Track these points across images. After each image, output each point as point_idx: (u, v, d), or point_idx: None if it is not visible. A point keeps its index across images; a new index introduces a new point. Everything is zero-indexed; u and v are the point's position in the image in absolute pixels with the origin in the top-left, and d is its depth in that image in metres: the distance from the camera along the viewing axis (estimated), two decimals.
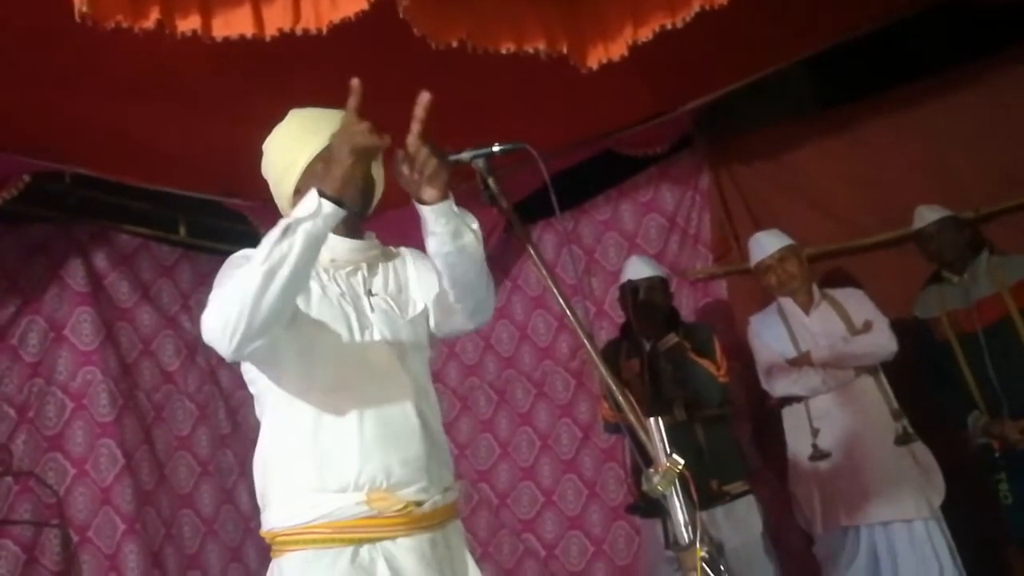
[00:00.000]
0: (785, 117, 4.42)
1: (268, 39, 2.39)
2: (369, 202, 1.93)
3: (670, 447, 1.49)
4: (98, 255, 4.04)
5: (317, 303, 1.79)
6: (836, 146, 4.16)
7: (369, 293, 1.87)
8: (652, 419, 1.45)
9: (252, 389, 1.85)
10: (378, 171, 1.93)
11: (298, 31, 2.38)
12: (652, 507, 3.21)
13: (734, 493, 3.49)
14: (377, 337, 1.81)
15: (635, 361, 3.61)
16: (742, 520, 3.49)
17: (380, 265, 1.94)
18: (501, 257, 4.74)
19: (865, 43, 3.74)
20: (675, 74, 3.65)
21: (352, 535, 1.68)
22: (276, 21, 2.38)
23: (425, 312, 1.91)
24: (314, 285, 1.81)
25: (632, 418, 1.50)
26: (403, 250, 2.03)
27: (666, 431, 1.50)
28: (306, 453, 1.71)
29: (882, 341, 3.51)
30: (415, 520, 1.71)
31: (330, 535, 1.67)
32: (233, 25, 2.37)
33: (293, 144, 1.88)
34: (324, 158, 1.71)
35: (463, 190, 1.76)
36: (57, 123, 3.23)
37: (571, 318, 1.57)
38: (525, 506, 4.71)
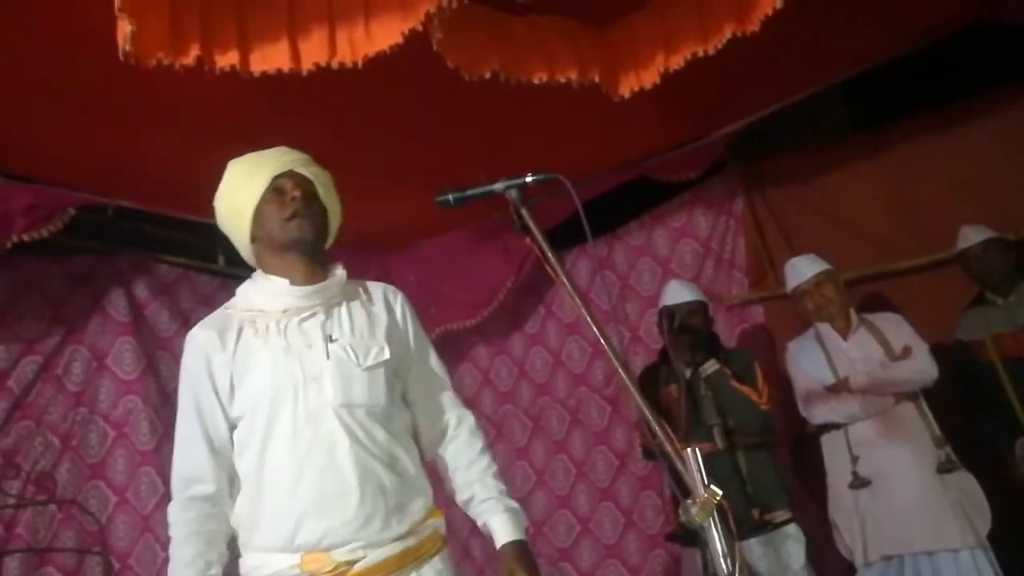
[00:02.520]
0: (819, 140, 4.40)
1: (305, 73, 2.44)
2: (324, 235, 1.95)
3: (709, 476, 1.47)
4: (139, 285, 4.11)
5: (255, 364, 1.81)
6: (871, 169, 4.13)
7: (328, 339, 1.85)
8: (689, 449, 1.44)
9: None
10: (330, 199, 1.97)
11: (334, 64, 2.43)
12: (692, 535, 3.18)
13: (776, 522, 3.44)
14: (325, 392, 1.79)
15: (673, 387, 3.58)
16: (784, 550, 3.44)
17: (342, 307, 1.92)
18: (535, 283, 4.75)
19: (898, 65, 3.72)
20: (707, 100, 3.65)
21: None
22: (312, 55, 2.43)
23: (390, 361, 1.89)
24: (257, 343, 1.83)
25: (669, 447, 1.49)
26: (373, 287, 2.01)
27: (707, 459, 1.49)
28: (249, 512, 1.78)
29: (922, 367, 3.45)
30: None
31: None
32: (271, 60, 2.42)
33: (237, 193, 1.93)
34: (268, 199, 1.86)
35: (497, 219, 1.78)
36: (100, 157, 3.31)
37: (606, 346, 1.56)
38: (562, 535, 4.68)
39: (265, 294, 1.90)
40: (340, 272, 1.95)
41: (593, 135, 3.68)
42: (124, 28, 2.21)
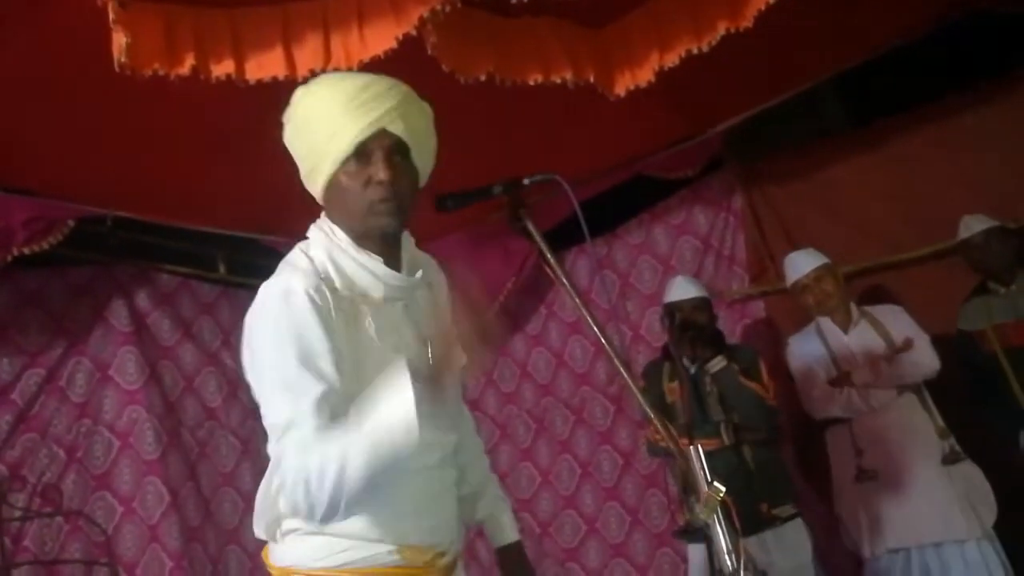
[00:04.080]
0: (816, 135, 4.40)
1: (300, 80, 2.44)
2: (409, 213, 1.67)
3: (715, 472, 1.48)
4: (140, 295, 4.11)
5: (365, 356, 1.57)
6: (869, 162, 4.13)
7: (428, 342, 1.64)
8: (692, 447, 1.45)
9: None
10: (425, 152, 1.68)
11: (329, 71, 2.44)
12: (698, 532, 3.17)
13: (784, 516, 3.44)
14: None
15: (677, 384, 3.59)
16: (791, 544, 3.44)
17: (425, 297, 1.76)
18: (536, 284, 4.75)
19: (895, 58, 3.72)
20: (704, 96, 3.65)
21: None
22: (308, 62, 2.44)
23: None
24: (366, 333, 1.59)
25: (673, 445, 1.49)
26: (426, 263, 1.78)
27: (714, 455, 1.50)
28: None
29: (923, 359, 3.46)
30: (438, 570, 1.69)
31: None
32: (266, 68, 2.43)
33: (318, 135, 1.59)
34: (349, 168, 1.57)
35: (495, 220, 1.78)
36: (98, 169, 3.31)
37: (607, 347, 1.57)
38: (568, 535, 4.68)
39: (364, 272, 1.62)
40: (412, 246, 1.74)
41: (590, 134, 3.68)
42: (119, 40, 2.23)
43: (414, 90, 1.66)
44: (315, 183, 1.64)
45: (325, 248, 1.64)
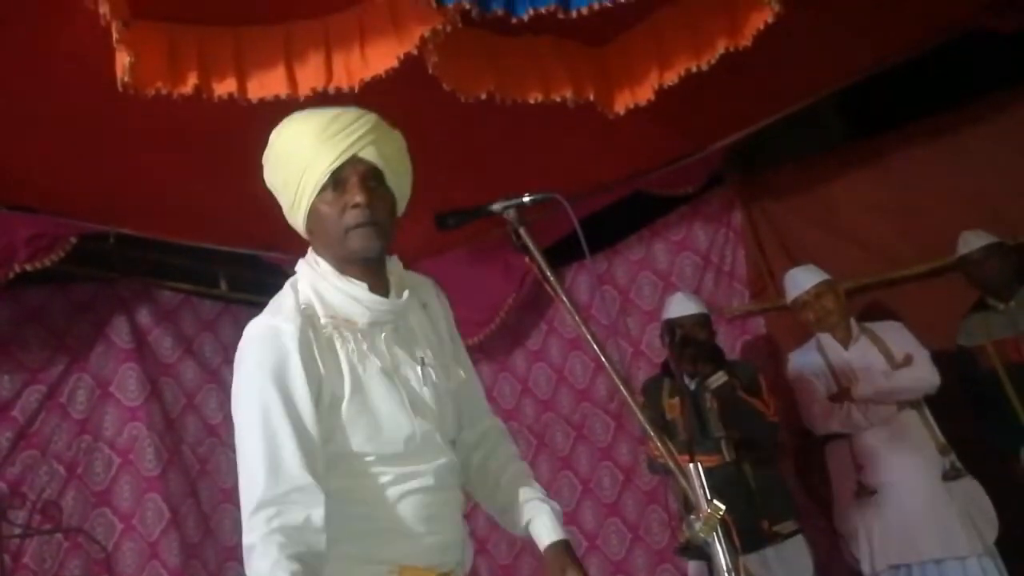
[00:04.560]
0: (816, 151, 4.42)
1: (302, 99, 2.46)
2: (390, 237, 1.70)
3: (716, 489, 1.48)
4: (142, 312, 4.12)
5: (353, 382, 1.60)
6: (869, 178, 4.15)
7: (421, 362, 1.70)
8: (692, 465, 1.45)
9: None
10: (400, 177, 1.73)
11: (331, 90, 2.46)
12: (699, 549, 3.16)
13: (784, 533, 3.43)
14: (427, 416, 1.66)
15: (677, 400, 3.58)
16: (793, 561, 3.43)
17: (419, 318, 1.77)
18: (536, 300, 4.75)
19: (894, 74, 3.74)
20: (703, 114, 3.67)
21: None
22: (309, 81, 2.46)
23: (466, 383, 1.82)
24: (351, 359, 1.62)
25: (672, 463, 1.50)
26: (419, 284, 1.82)
27: (714, 471, 1.50)
28: (344, 525, 1.59)
29: (923, 375, 3.46)
30: None
31: None
32: (268, 86, 2.45)
33: (289, 178, 1.65)
34: (326, 196, 1.61)
35: (495, 236, 1.79)
36: (100, 186, 3.33)
37: (607, 364, 1.57)
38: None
39: (346, 299, 1.65)
40: (399, 268, 1.77)
41: (589, 152, 3.70)
42: (122, 59, 2.25)
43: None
44: (296, 216, 1.69)
45: (310, 280, 1.69)
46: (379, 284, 1.70)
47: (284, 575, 1.41)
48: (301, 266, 1.74)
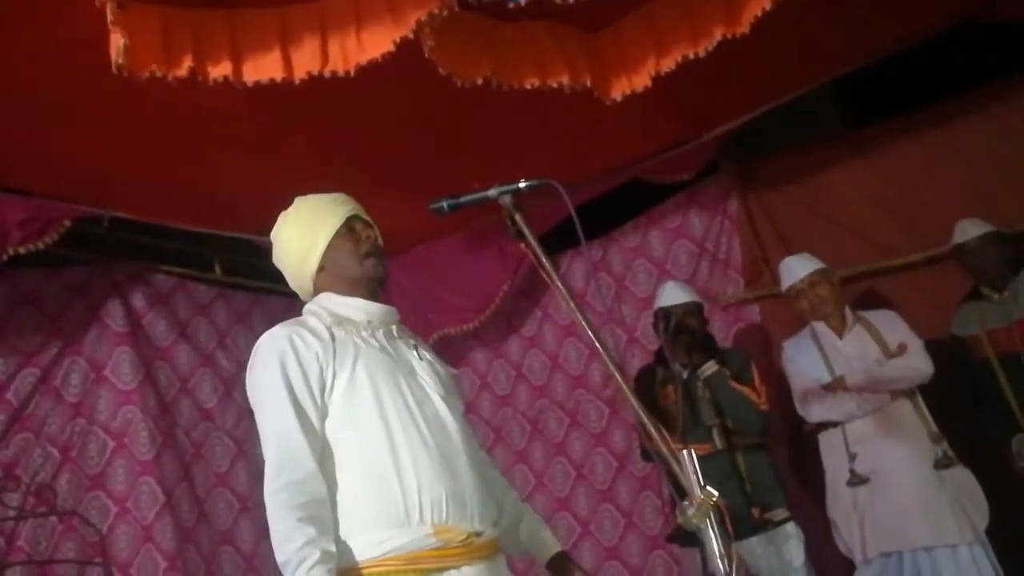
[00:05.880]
0: (812, 139, 4.42)
1: (297, 82, 2.45)
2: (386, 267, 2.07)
3: (707, 476, 1.49)
4: (136, 295, 4.11)
5: (357, 358, 1.88)
6: (865, 167, 4.15)
7: (415, 347, 2.01)
8: (685, 451, 1.45)
9: None
10: (374, 230, 2.05)
11: (326, 74, 2.45)
12: (692, 536, 3.18)
13: (776, 521, 3.46)
14: (426, 383, 1.94)
15: (670, 388, 3.59)
16: (784, 548, 3.45)
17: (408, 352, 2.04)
18: (531, 287, 4.76)
19: (890, 63, 3.74)
20: (699, 101, 3.67)
21: (422, 565, 1.76)
22: (305, 65, 2.45)
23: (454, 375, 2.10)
24: (353, 340, 1.90)
25: (665, 450, 1.50)
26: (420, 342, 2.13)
27: (706, 459, 1.51)
28: (374, 490, 1.79)
29: (917, 364, 3.46)
30: (475, 549, 1.81)
31: (402, 566, 1.76)
32: (263, 70, 2.44)
33: (311, 224, 2.02)
34: (343, 235, 1.97)
35: (491, 223, 1.80)
36: (94, 169, 3.32)
37: (602, 351, 1.58)
38: (562, 537, 4.65)
39: (346, 307, 1.99)
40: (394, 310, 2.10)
41: (586, 138, 3.69)
42: (117, 41, 2.23)
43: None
44: (309, 266, 2.01)
45: (317, 303, 2.02)
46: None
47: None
48: (307, 307, 2.04)
